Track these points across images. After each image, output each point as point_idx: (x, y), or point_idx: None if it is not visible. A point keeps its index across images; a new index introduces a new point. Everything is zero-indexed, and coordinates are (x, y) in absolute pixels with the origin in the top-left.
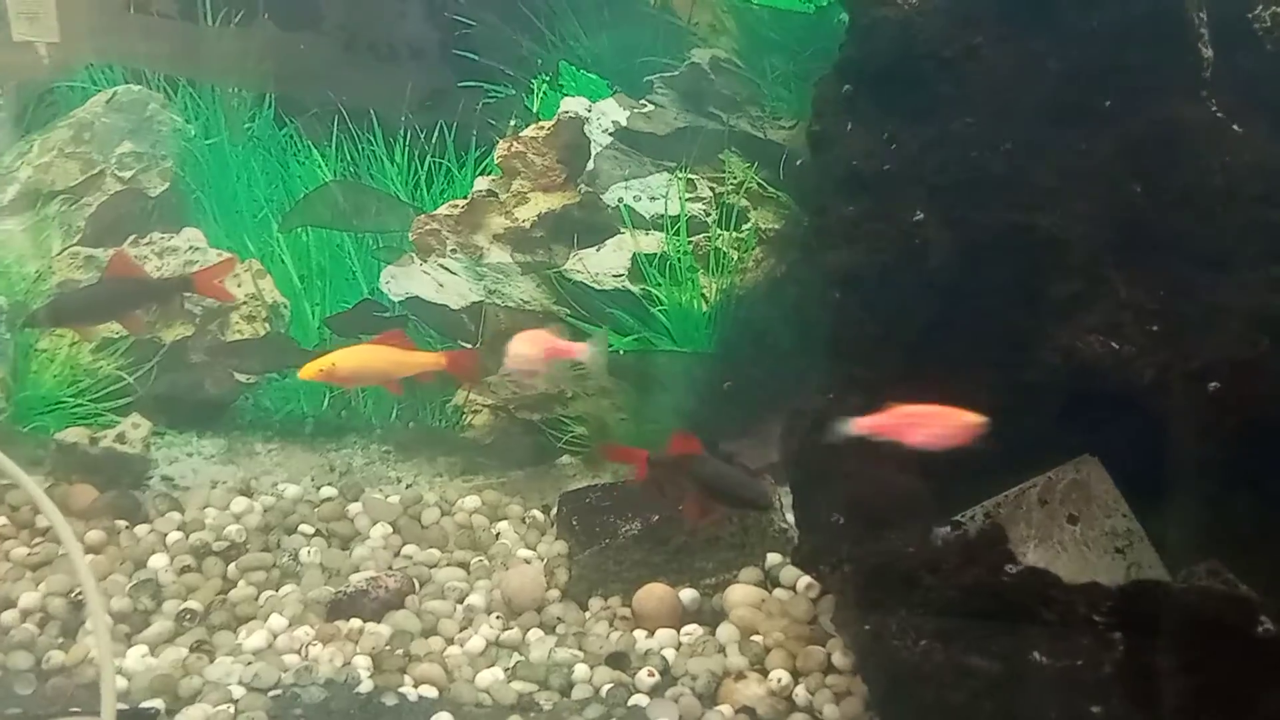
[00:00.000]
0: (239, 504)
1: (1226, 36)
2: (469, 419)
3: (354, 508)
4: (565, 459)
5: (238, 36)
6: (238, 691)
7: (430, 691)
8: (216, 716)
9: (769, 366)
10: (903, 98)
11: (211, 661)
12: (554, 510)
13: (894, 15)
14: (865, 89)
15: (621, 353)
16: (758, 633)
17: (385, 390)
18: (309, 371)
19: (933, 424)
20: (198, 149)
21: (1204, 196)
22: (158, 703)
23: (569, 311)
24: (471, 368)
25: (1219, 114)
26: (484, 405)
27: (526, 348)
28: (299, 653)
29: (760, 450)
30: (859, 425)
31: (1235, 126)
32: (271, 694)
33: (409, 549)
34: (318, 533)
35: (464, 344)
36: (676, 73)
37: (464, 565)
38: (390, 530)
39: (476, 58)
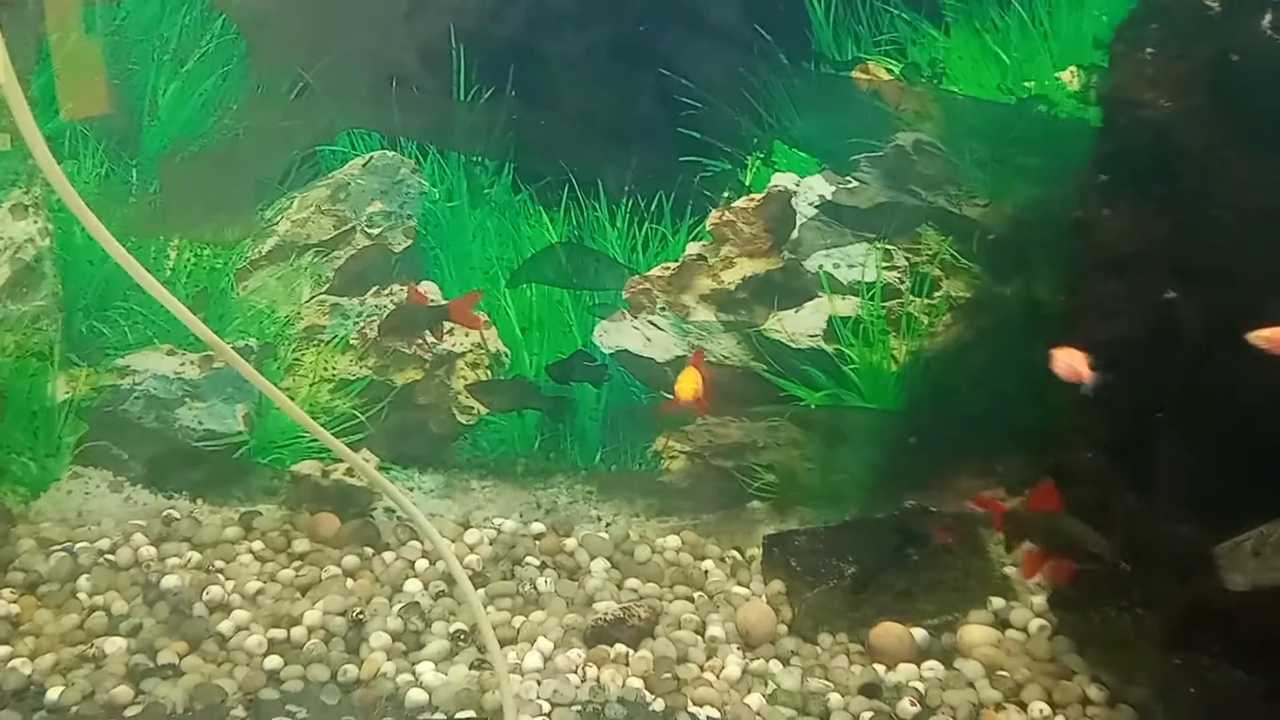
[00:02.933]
0: (471, 536)
1: None
2: (667, 464)
3: (569, 543)
4: (754, 504)
5: (485, 111)
6: (545, 706)
7: (714, 713)
8: None
9: (955, 425)
10: (1154, 188)
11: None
12: (750, 551)
13: (1150, 116)
14: (1120, 179)
15: (814, 406)
16: (1003, 669)
17: (589, 430)
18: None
19: None
20: (440, 210)
21: None
22: (469, 714)
23: (765, 368)
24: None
25: None
26: (681, 451)
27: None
28: (577, 673)
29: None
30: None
31: None
32: (575, 708)
33: (631, 582)
34: (544, 565)
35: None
36: (881, 153)
37: (689, 599)
38: (609, 565)
39: (698, 135)
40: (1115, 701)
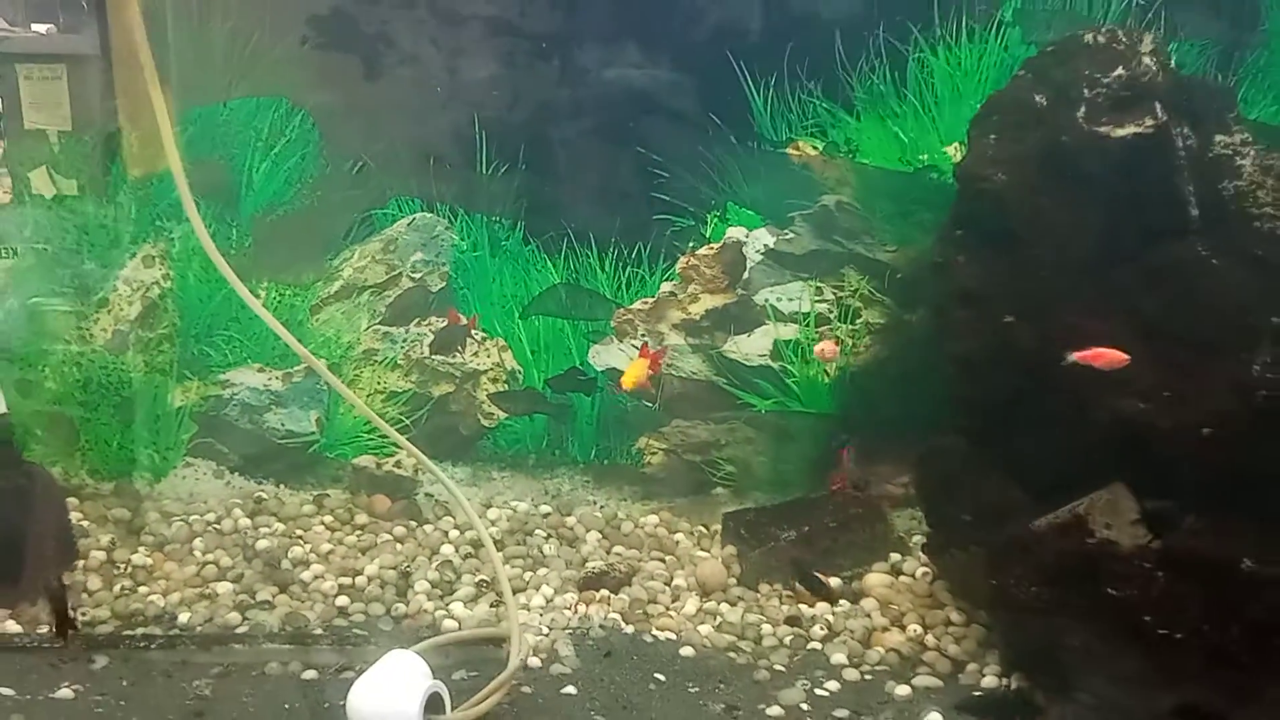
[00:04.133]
0: (492, 514)
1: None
2: (648, 459)
3: (570, 520)
4: (718, 490)
5: (501, 181)
6: (545, 630)
7: (672, 635)
8: (542, 642)
9: (875, 424)
10: (995, 239)
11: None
12: (714, 526)
13: (991, 187)
14: (971, 233)
15: (763, 412)
16: (893, 604)
17: (586, 432)
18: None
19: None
20: (467, 259)
21: (1198, 308)
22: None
23: (725, 381)
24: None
25: (1202, 252)
26: (659, 449)
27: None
28: (570, 609)
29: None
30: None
31: (1214, 261)
32: (566, 631)
33: (617, 549)
34: (549, 536)
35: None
36: (811, 211)
37: (661, 560)
38: (600, 536)
39: (668, 199)
40: (970, 623)
